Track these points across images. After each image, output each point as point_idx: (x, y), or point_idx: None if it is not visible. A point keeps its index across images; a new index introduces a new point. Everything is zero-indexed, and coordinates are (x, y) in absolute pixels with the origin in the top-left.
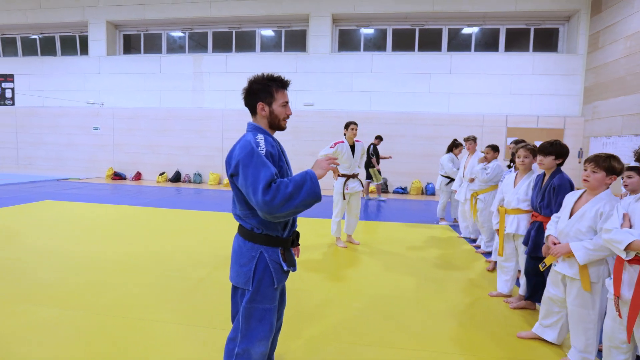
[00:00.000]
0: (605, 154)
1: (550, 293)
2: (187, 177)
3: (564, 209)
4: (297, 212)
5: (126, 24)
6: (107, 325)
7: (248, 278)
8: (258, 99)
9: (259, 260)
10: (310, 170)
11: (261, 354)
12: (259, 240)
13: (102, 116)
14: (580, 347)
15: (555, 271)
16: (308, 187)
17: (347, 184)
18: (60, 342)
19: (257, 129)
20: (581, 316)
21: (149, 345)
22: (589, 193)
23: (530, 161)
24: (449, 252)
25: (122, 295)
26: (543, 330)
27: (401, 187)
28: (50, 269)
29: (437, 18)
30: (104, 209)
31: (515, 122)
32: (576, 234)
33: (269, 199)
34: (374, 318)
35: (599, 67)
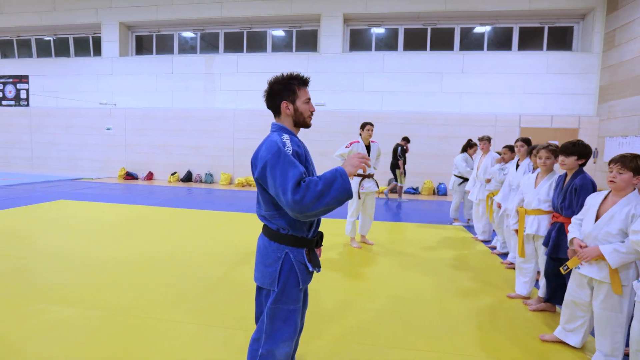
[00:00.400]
0: (631, 154)
1: (573, 296)
2: (199, 177)
3: (588, 211)
4: (329, 209)
5: (139, 25)
6: (124, 325)
7: (274, 279)
8: (281, 98)
9: (284, 260)
10: (341, 167)
11: (285, 354)
12: (284, 240)
13: (114, 116)
14: (606, 350)
15: (580, 274)
16: (339, 184)
17: (363, 183)
18: (76, 342)
19: (282, 129)
20: (609, 319)
21: (165, 345)
22: (615, 194)
23: (552, 162)
24: (465, 253)
25: (137, 295)
26: (566, 335)
27: (412, 187)
28: (67, 269)
29: (449, 17)
30: (118, 208)
31: (529, 121)
32: (605, 236)
33: (299, 198)
34: (392, 319)
35: (615, 65)
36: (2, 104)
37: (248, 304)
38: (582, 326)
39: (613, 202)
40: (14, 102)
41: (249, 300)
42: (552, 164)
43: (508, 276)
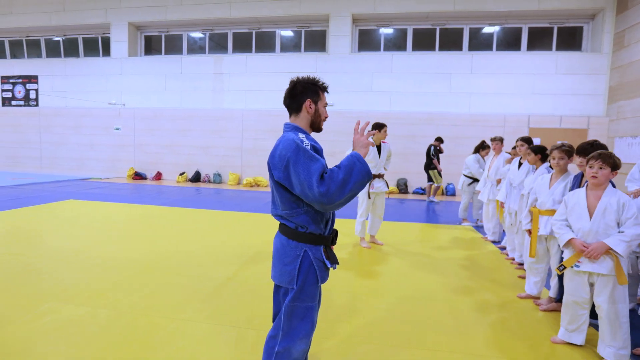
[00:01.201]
0: (607, 152)
1: (574, 296)
2: (207, 177)
3: (574, 210)
4: (353, 195)
5: (147, 26)
6: (134, 324)
7: (292, 277)
8: (306, 96)
9: (303, 258)
10: (354, 152)
11: (302, 351)
12: (303, 238)
13: (123, 117)
14: (619, 345)
15: (579, 272)
16: (358, 168)
17: (373, 183)
18: (86, 341)
19: (296, 129)
20: (617, 312)
21: (175, 344)
22: (594, 189)
23: (566, 162)
24: (474, 253)
25: (147, 295)
26: (570, 336)
27: (421, 187)
28: (76, 268)
29: (458, 17)
30: (127, 208)
31: (538, 122)
32: (605, 229)
33: (325, 190)
34: (402, 318)
35: (624, 66)
36: (11, 104)
37: (258, 303)
38: (584, 324)
39: (597, 197)
40: (23, 102)
41: (259, 299)
42: (565, 164)
43: (518, 275)
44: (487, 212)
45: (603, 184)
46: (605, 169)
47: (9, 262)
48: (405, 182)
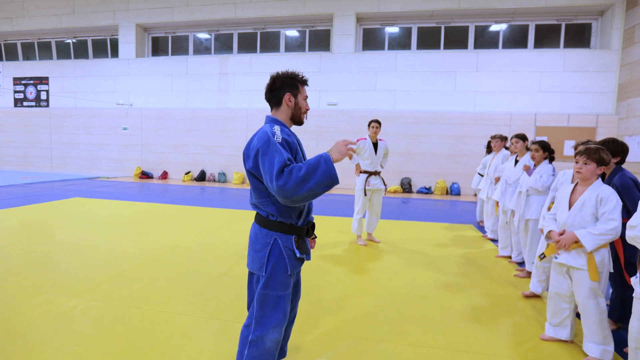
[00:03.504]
0: (595, 147)
1: (556, 288)
2: (212, 177)
3: (561, 202)
4: (315, 194)
5: (155, 27)
6: (122, 316)
7: (262, 264)
8: (285, 90)
9: (273, 246)
10: (326, 153)
11: (274, 340)
12: (273, 227)
13: (130, 117)
14: (599, 340)
15: (559, 264)
16: (322, 169)
17: (369, 180)
18: (74, 332)
19: (274, 121)
20: (593, 307)
21: (160, 336)
22: (582, 184)
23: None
24: (472, 251)
25: (143, 288)
26: (555, 331)
27: (425, 187)
28: (74, 262)
29: (463, 15)
30: (130, 206)
31: (545, 120)
32: (580, 222)
33: (282, 184)
34: (391, 314)
35: (635, 62)
36: (23, 104)
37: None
38: (568, 318)
39: (581, 192)
40: (34, 103)
41: None
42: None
43: (513, 273)
44: (487, 210)
45: (589, 179)
46: (589, 164)
47: (10, 256)
48: (410, 181)
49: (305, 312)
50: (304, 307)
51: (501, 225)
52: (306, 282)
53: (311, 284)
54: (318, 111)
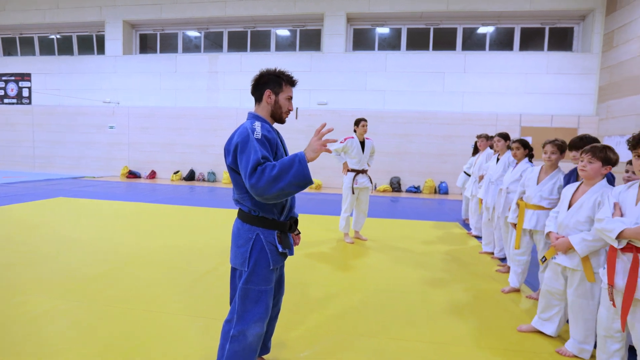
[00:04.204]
0: (602, 145)
1: (549, 286)
2: (201, 176)
3: (563, 201)
4: (289, 193)
5: (143, 24)
6: (109, 316)
7: (244, 259)
8: (267, 86)
9: (255, 241)
10: (301, 152)
11: (257, 335)
12: (255, 222)
13: (117, 115)
14: (579, 338)
15: (556, 264)
16: (296, 170)
17: (357, 179)
18: (53, 333)
19: (255, 117)
20: (582, 307)
21: (148, 336)
22: (586, 184)
23: (557, 158)
24: (457, 248)
25: (127, 288)
26: (542, 324)
27: (414, 185)
28: (55, 263)
29: (452, 17)
30: (116, 205)
31: (529, 121)
32: (575, 225)
33: (254, 182)
34: (375, 309)
35: (614, 66)
36: (3, 102)
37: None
38: (557, 315)
39: (583, 192)
40: (15, 100)
41: None
42: (557, 160)
43: (495, 269)
44: (471, 208)
45: (593, 178)
46: (594, 162)
47: None
48: (399, 180)
49: (290, 308)
50: (289, 304)
51: (485, 222)
52: (292, 280)
53: (297, 282)
54: (308, 110)
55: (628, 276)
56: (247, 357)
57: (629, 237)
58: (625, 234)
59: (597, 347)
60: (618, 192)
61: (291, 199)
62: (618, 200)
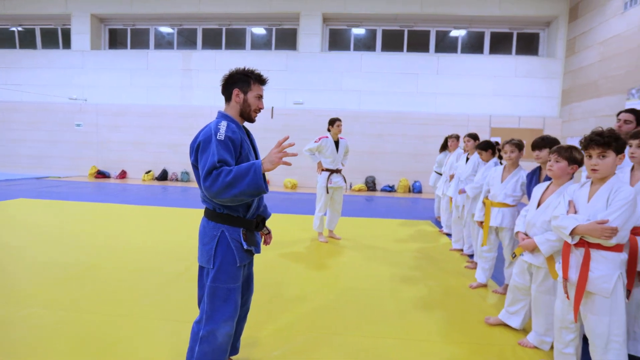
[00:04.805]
0: (567, 145)
1: (516, 282)
2: (175, 176)
3: (532, 200)
4: (242, 200)
5: (112, 18)
6: (71, 322)
7: (210, 256)
8: (235, 85)
9: (220, 238)
10: (259, 162)
11: (226, 334)
12: (220, 219)
13: (85, 112)
14: (540, 331)
15: (523, 261)
16: (250, 179)
17: (331, 178)
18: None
19: (223, 117)
20: (544, 302)
21: (113, 341)
22: (555, 184)
23: (517, 156)
24: (428, 246)
25: (91, 292)
26: (509, 317)
27: (389, 185)
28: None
29: (425, 20)
30: (83, 207)
31: (499, 122)
32: (542, 224)
33: (208, 185)
34: (347, 307)
35: (575, 71)
36: None
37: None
38: (523, 309)
39: (552, 191)
40: None
41: None
42: (516, 158)
43: (464, 265)
44: (443, 206)
45: (560, 177)
46: (560, 162)
47: None
48: (374, 179)
49: (261, 308)
50: (261, 303)
51: (454, 220)
52: (265, 279)
53: (270, 282)
54: (284, 110)
55: (580, 270)
56: (217, 358)
57: (581, 233)
58: (578, 230)
59: (554, 337)
60: (572, 191)
61: (259, 197)
62: (572, 198)
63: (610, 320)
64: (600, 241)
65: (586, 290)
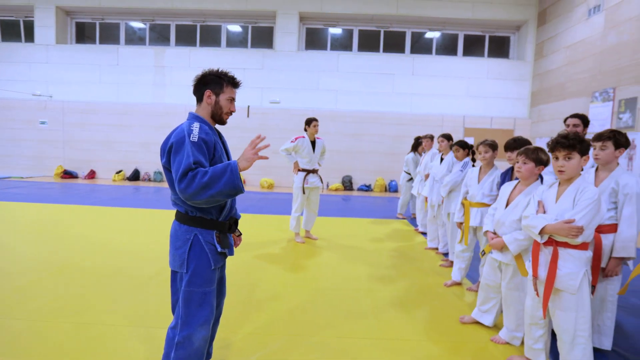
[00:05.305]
0: (534, 147)
1: (487, 279)
2: (147, 176)
3: (501, 200)
4: (218, 200)
5: (79, 11)
6: (32, 331)
7: (182, 260)
8: (208, 87)
9: (193, 242)
10: (234, 161)
11: (203, 339)
12: (193, 223)
13: (50, 109)
14: (511, 327)
15: (493, 259)
16: (227, 179)
17: (307, 178)
18: None
19: (195, 118)
20: (514, 298)
21: (79, 350)
22: (522, 183)
23: (491, 156)
24: (404, 245)
25: (56, 299)
26: (481, 315)
27: (365, 184)
28: None
29: (401, 21)
30: (48, 208)
31: (472, 122)
32: (511, 223)
33: (183, 187)
34: (323, 308)
35: (543, 73)
36: None
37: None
38: (494, 307)
39: (520, 191)
40: None
41: None
42: (491, 158)
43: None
44: (418, 205)
45: (528, 178)
46: (528, 163)
47: None
48: (350, 179)
49: (235, 310)
50: (236, 305)
51: (429, 219)
52: (240, 282)
53: (245, 283)
54: (260, 109)
55: (549, 268)
56: None
57: (549, 232)
58: (546, 229)
59: (525, 334)
60: (542, 191)
61: (231, 199)
62: (542, 198)
63: (577, 316)
64: (567, 240)
65: (554, 287)
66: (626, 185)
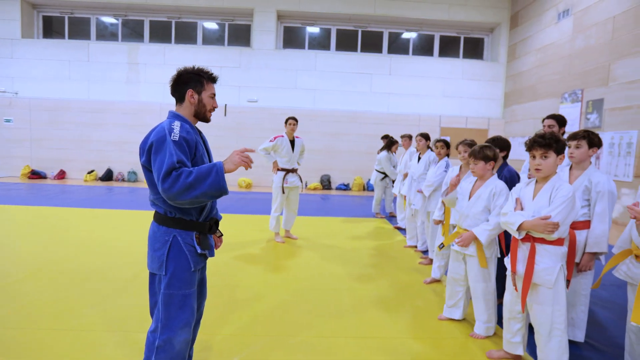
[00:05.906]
0: (479, 146)
1: (452, 273)
2: (121, 176)
3: (463, 194)
4: (202, 201)
5: (46, 5)
6: (4, 340)
7: (161, 262)
8: (188, 86)
9: (172, 244)
10: (220, 163)
11: (184, 341)
12: (172, 224)
13: (16, 107)
14: (483, 318)
15: (456, 252)
16: (212, 180)
17: (287, 178)
18: None
19: (175, 117)
20: (482, 289)
21: (56, 357)
22: (480, 179)
23: None
24: (384, 243)
25: (26, 305)
26: (450, 311)
27: (343, 183)
28: None
29: (378, 21)
30: (13, 210)
31: (448, 122)
32: (475, 214)
33: (167, 187)
34: (303, 308)
35: (516, 75)
36: None
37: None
38: (461, 300)
39: (480, 185)
40: None
41: None
42: None
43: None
44: (398, 204)
45: (482, 175)
46: (478, 163)
47: None
48: (329, 178)
49: (216, 311)
50: (216, 307)
51: (408, 217)
52: (220, 283)
53: (225, 284)
54: (238, 108)
55: (527, 263)
56: None
57: (527, 229)
58: (524, 225)
59: (503, 328)
60: (519, 189)
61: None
62: (519, 195)
63: (553, 309)
64: (543, 235)
65: (532, 282)
66: (598, 183)
